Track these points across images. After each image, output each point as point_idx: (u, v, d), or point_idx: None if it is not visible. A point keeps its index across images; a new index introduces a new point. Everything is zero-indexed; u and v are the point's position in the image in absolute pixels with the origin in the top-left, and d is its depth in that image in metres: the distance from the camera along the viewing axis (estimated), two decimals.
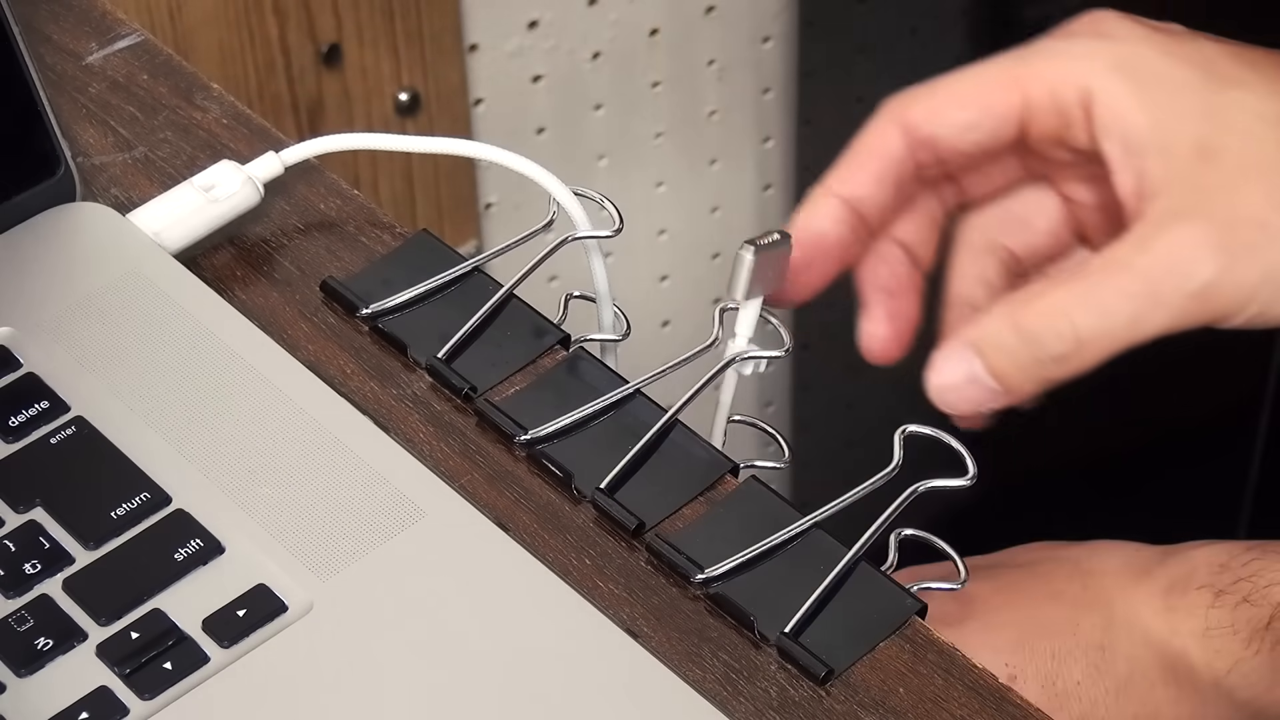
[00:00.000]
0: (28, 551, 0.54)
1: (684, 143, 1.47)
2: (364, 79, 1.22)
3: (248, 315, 0.61)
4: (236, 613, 0.53)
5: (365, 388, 0.60)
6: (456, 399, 0.59)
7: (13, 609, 0.53)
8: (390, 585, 0.53)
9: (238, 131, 0.68)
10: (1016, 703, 0.52)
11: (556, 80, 1.37)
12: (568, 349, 0.61)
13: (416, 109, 1.26)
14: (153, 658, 0.52)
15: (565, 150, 1.41)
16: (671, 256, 1.52)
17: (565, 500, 0.57)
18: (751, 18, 1.44)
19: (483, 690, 0.51)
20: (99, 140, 0.67)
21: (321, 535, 0.54)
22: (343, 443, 0.56)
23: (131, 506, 0.55)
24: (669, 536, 0.55)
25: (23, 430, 0.57)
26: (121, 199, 0.65)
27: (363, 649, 0.52)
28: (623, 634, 0.52)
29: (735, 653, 0.53)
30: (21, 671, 0.52)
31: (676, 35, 1.41)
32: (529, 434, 0.58)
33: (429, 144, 0.64)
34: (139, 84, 0.69)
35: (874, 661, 0.53)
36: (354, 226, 0.65)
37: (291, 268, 0.64)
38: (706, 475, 0.57)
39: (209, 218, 0.63)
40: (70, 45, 0.71)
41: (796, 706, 0.52)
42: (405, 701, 0.51)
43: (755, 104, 1.48)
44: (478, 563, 0.54)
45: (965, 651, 0.52)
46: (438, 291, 0.62)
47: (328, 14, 1.18)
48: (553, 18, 1.35)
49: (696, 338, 0.60)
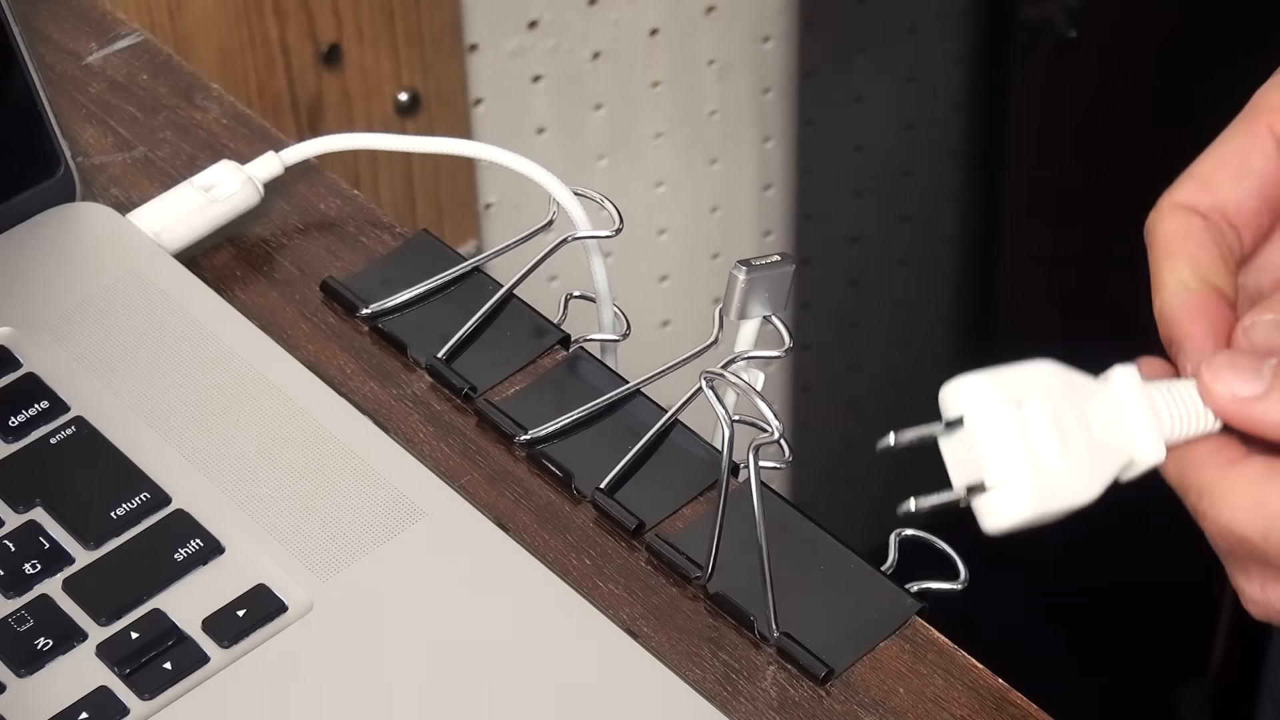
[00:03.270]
0: (28, 551, 0.54)
1: (684, 142, 1.47)
2: (364, 79, 1.22)
3: (248, 315, 0.61)
4: (236, 613, 0.53)
5: (365, 388, 0.60)
6: (456, 399, 0.59)
7: (13, 609, 0.53)
8: (390, 585, 0.53)
9: (238, 131, 0.68)
10: (1016, 703, 0.52)
11: (556, 80, 1.37)
12: (568, 349, 0.61)
13: (416, 109, 1.26)
14: (153, 658, 0.52)
15: (565, 150, 1.41)
16: (671, 256, 1.52)
17: (565, 500, 0.57)
18: (751, 17, 1.44)
19: (482, 690, 0.51)
20: (99, 140, 0.67)
21: (321, 535, 0.54)
22: (343, 443, 0.56)
23: (131, 506, 0.55)
24: (669, 536, 0.55)
25: (23, 430, 0.57)
26: (121, 199, 0.65)
27: (363, 649, 0.52)
28: (623, 634, 0.52)
29: (735, 653, 0.53)
30: (21, 671, 0.52)
31: (676, 35, 1.41)
32: (529, 434, 0.58)
33: (429, 144, 0.64)
34: (139, 84, 0.69)
35: (874, 661, 0.53)
36: (354, 226, 0.65)
37: (291, 268, 0.64)
38: (706, 475, 0.57)
39: (209, 218, 0.63)
40: (70, 45, 0.71)
41: (796, 706, 0.52)
42: (405, 701, 0.51)
43: (755, 104, 1.48)
44: (478, 563, 0.54)
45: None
46: (438, 291, 0.62)
47: (328, 14, 1.18)
48: (553, 18, 1.35)
49: (696, 338, 0.60)
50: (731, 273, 0.56)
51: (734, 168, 1.50)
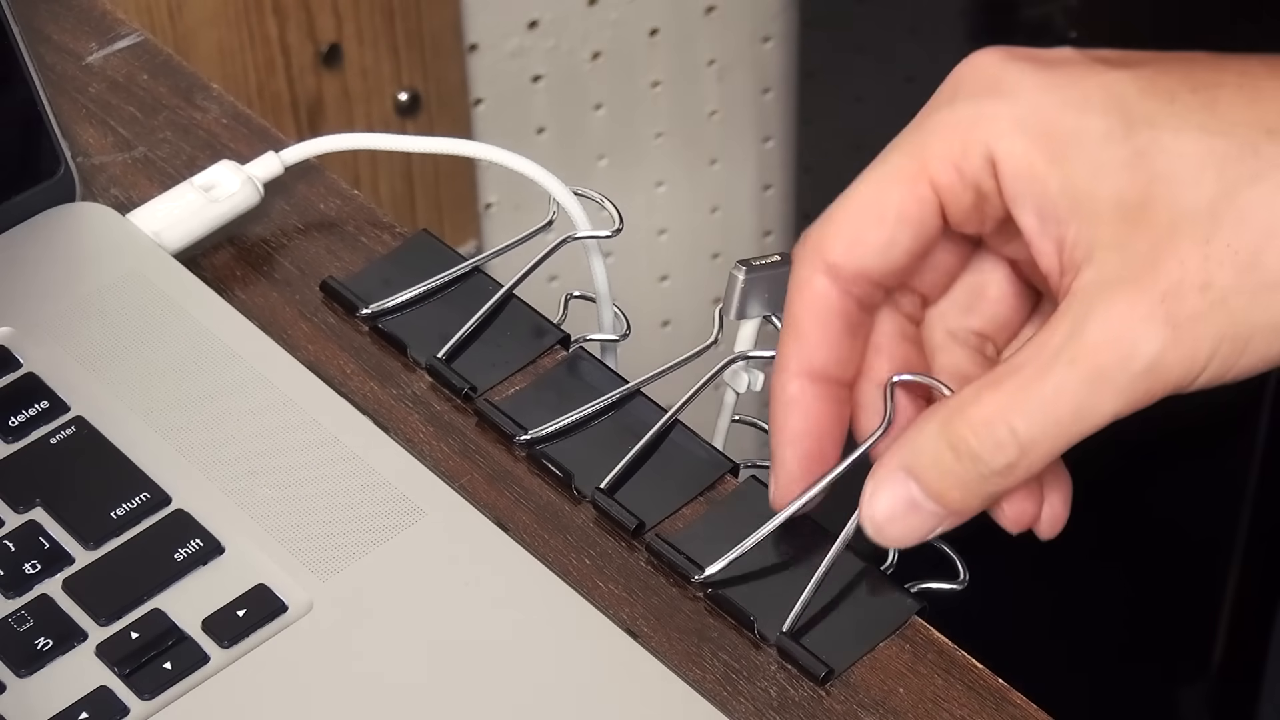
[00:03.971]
0: (28, 551, 0.54)
1: (684, 143, 1.47)
2: (364, 79, 1.22)
3: (248, 315, 0.61)
4: (236, 613, 0.53)
5: (365, 388, 0.60)
6: (456, 399, 0.59)
7: (13, 609, 0.53)
8: (390, 585, 0.53)
9: (238, 131, 0.68)
10: (1016, 703, 0.52)
11: (556, 80, 1.37)
12: (568, 349, 0.61)
13: (416, 109, 1.26)
14: (153, 658, 0.52)
15: (565, 150, 1.41)
16: (671, 256, 1.52)
17: (565, 500, 0.57)
18: (751, 18, 1.44)
19: (482, 690, 0.51)
20: (99, 140, 0.67)
21: (321, 535, 0.54)
22: (343, 443, 0.56)
23: (131, 506, 0.55)
24: (669, 536, 0.55)
25: (23, 430, 0.57)
26: (121, 199, 0.65)
27: (363, 649, 0.52)
28: (623, 634, 0.52)
29: (735, 653, 0.53)
30: (21, 671, 0.51)
31: (676, 35, 1.41)
32: (529, 434, 0.58)
33: (429, 144, 0.64)
34: (139, 84, 0.69)
35: (874, 661, 0.53)
36: (354, 226, 0.65)
37: (291, 268, 0.64)
38: (706, 475, 0.57)
39: (209, 218, 0.63)
40: (70, 45, 0.71)
41: (796, 706, 0.52)
42: (405, 701, 0.51)
43: (755, 104, 1.49)
44: (478, 563, 0.54)
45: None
46: (438, 291, 0.62)
47: (328, 14, 1.18)
48: (553, 18, 1.35)
49: (696, 338, 0.60)
50: (731, 273, 0.56)
51: (734, 168, 1.50)
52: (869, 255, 0.51)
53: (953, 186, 0.50)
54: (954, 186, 0.50)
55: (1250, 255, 0.47)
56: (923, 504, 0.50)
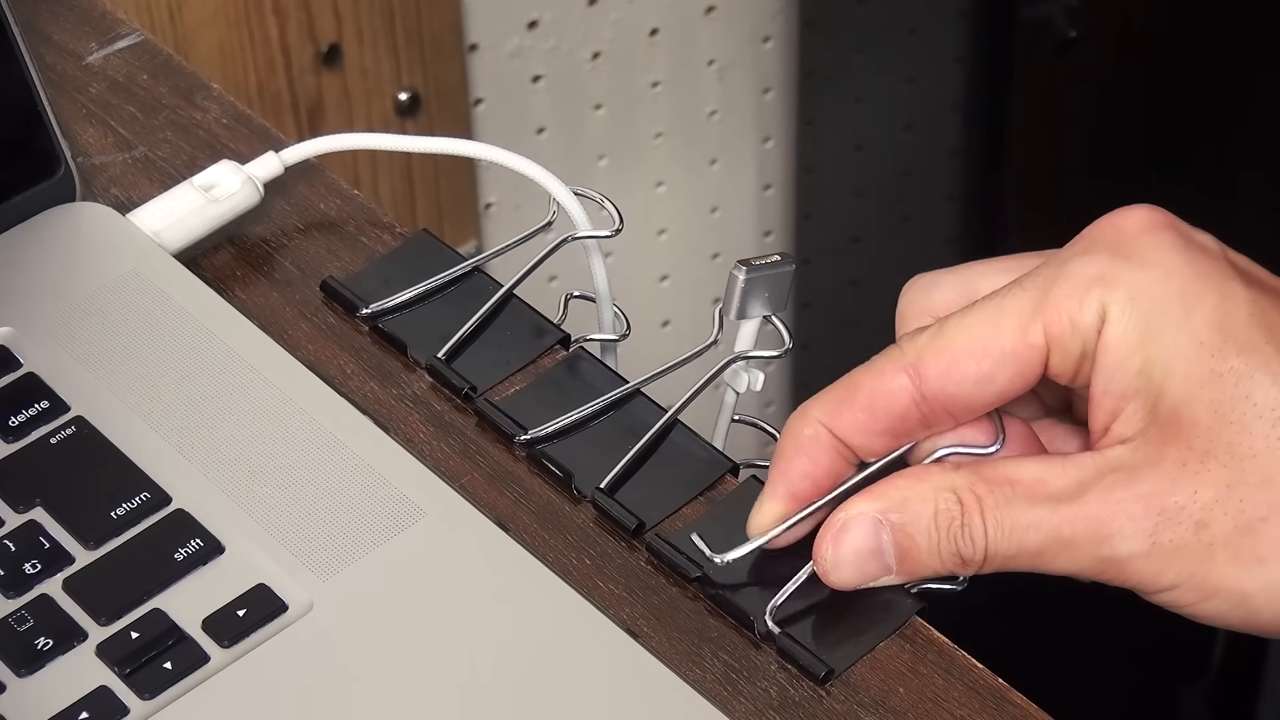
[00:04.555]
0: (28, 551, 0.54)
1: (684, 143, 1.47)
2: (364, 79, 1.22)
3: (248, 315, 0.61)
4: (236, 612, 0.53)
5: (365, 388, 0.60)
6: (456, 399, 0.60)
7: (13, 609, 0.53)
8: (390, 585, 0.53)
9: (238, 131, 0.68)
10: (1016, 703, 0.52)
11: (556, 80, 1.37)
12: (568, 349, 0.61)
13: (416, 109, 1.26)
14: (153, 658, 0.52)
15: (565, 150, 1.41)
16: (671, 256, 1.52)
17: (565, 500, 0.57)
18: (751, 18, 1.44)
19: (483, 690, 0.51)
20: (99, 140, 0.67)
21: (321, 535, 0.54)
22: (343, 443, 0.56)
23: (131, 506, 0.55)
24: (669, 536, 0.55)
25: (23, 430, 0.57)
26: (121, 199, 0.65)
27: (363, 649, 0.52)
28: (623, 634, 0.52)
29: (735, 653, 0.53)
30: (21, 671, 0.52)
31: (676, 35, 1.41)
32: (529, 434, 0.58)
33: (429, 144, 0.64)
34: (139, 84, 0.69)
35: (874, 661, 0.53)
36: (354, 226, 0.65)
37: (291, 268, 0.64)
38: (706, 475, 0.57)
39: (209, 218, 0.63)
40: (70, 45, 0.71)
41: (796, 706, 0.52)
42: (405, 701, 0.51)
43: (755, 104, 1.49)
44: (478, 563, 0.54)
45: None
46: (438, 291, 0.62)
47: (328, 14, 1.18)
48: (553, 18, 1.35)
49: (696, 338, 0.60)
50: (731, 272, 0.56)
51: (734, 168, 1.50)
52: (960, 383, 0.52)
53: (1063, 337, 0.51)
54: (1064, 337, 0.51)
55: (1254, 521, 0.49)
56: (885, 554, 0.52)
